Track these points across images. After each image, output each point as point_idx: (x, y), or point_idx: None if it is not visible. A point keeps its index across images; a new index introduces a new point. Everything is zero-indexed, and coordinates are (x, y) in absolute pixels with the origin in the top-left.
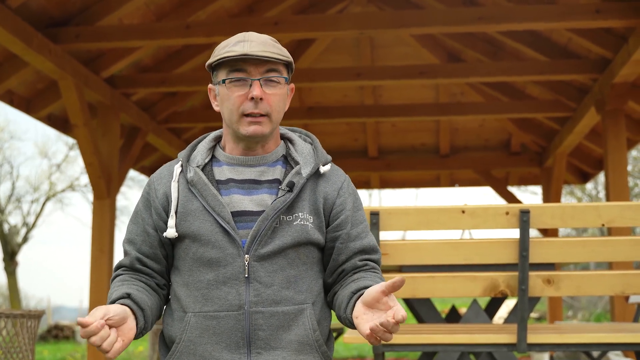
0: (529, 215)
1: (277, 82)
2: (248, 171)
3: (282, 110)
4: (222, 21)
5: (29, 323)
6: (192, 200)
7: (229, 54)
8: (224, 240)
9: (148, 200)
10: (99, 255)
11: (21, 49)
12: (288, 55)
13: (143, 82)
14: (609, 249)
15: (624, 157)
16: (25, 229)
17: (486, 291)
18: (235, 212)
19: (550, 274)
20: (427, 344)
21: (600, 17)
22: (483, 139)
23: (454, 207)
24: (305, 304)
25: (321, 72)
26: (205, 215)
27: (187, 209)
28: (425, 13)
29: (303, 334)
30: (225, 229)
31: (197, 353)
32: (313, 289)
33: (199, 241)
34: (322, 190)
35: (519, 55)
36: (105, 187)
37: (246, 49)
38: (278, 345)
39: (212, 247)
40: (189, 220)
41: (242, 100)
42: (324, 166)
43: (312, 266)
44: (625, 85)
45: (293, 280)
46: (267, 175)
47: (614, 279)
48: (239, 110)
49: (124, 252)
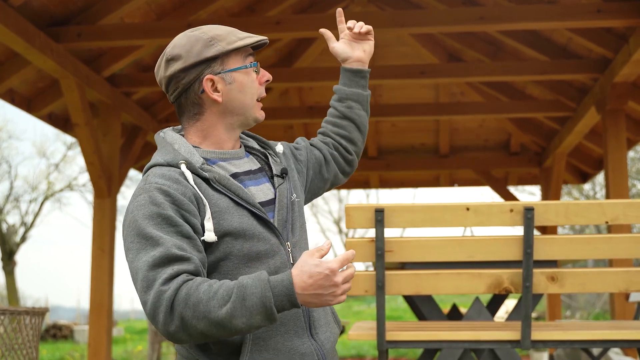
0: (533, 212)
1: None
2: (242, 163)
3: None
4: (223, 21)
5: (32, 320)
6: (220, 198)
7: (254, 40)
8: (266, 232)
9: (174, 205)
10: (100, 254)
11: (23, 48)
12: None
13: (144, 81)
14: (612, 246)
15: (624, 157)
16: (23, 229)
17: (490, 288)
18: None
19: (555, 271)
20: (430, 340)
21: (601, 17)
22: (482, 139)
23: (458, 205)
24: None
25: (322, 71)
26: (240, 210)
27: (220, 208)
28: (426, 13)
29: (327, 308)
30: (265, 220)
31: (270, 347)
32: None
33: (243, 237)
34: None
35: (519, 55)
36: (106, 186)
37: (260, 37)
38: (325, 323)
39: (259, 240)
40: (226, 218)
41: (260, 86)
42: (279, 148)
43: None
44: (625, 85)
45: None
46: (252, 165)
47: (617, 276)
48: (258, 94)
49: (173, 259)
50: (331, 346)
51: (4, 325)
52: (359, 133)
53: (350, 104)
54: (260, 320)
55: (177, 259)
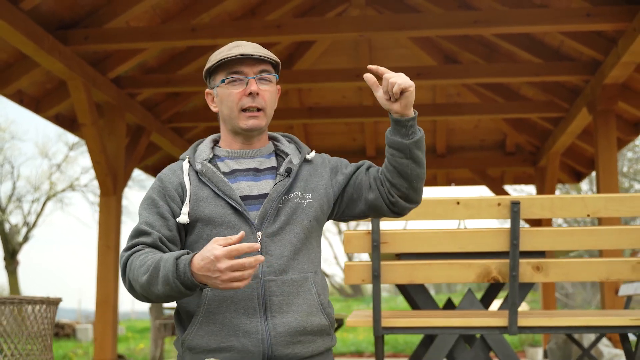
0: (519, 206)
1: (269, 80)
2: (249, 162)
3: (274, 106)
4: (226, 24)
5: (47, 309)
6: (202, 188)
7: (229, 56)
8: (237, 221)
9: (162, 191)
10: (106, 250)
11: (33, 50)
12: (276, 57)
13: (148, 82)
14: (595, 238)
15: (614, 156)
16: (25, 229)
17: (479, 277)
18: (242, 196)
19: (540, 261)
20: (424, 327)
21: (591, 21)
22: (479, 139)
23: (449, 199)
24: (309, 273)
25: (321, 73)
26: (217, 200)
27: (198, 197)
28: (422, 16)
29: (310, 298)
30: (238, 210)
31: (217, 322)
32: (314, 260)
33: (213, 223)
34: (316, 172)
35: (513, 57)
36: (111, 185)
37: (242, 51)
38: (290, 309)
39: (227, 227)
40: (201, 206)
41: (240, 96)
42: (310, 154)
43: (313, 240)
44: (615, 87)
45: (297, 252)
46: (265, 164)
47: (599, 266)
48: (238, 106)
49: (140, 232)
50: (288, 330)
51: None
52: (402, 179)
53: (392, 151)
54: (169, 290)
55: (142, 233)
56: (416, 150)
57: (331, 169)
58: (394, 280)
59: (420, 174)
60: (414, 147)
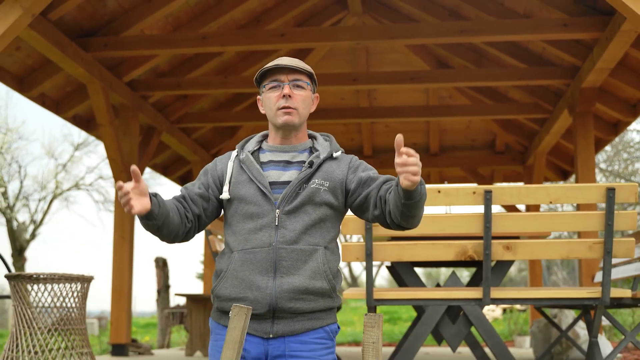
0: (492, 194)
1: (301, 86)
2: (283, 155)
3: (308, 108)
4: (233, 32)
5: (82, 285)
6: (242, 174)
7: (267, 67)
8: (262, 200)
9: (208, 170)
10: (121, 241)
11: (58, 57)
12: (310, 68)
13: (159, 86)
14: (556, 221)
15: (592, 155)
16: (32, 226)
17: (458, 255)
18: (271, 182)
19: (509, 242)
20: (410, 299)
21: (567, 30)
22: (470, 139)
23: (432, 188)
24: (319, 246)
25: (321, 77)
26: (251, 184)
27: (238, 180)
28: (414, 26)
29: (315, 265)
30: (264, 192)
31: (239, 277)
32: (325, 237)
33: (245, 201)
34: (338, 167)
35: (500, 62)
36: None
37: (278, 62)
38: (296, 272)
39: (254, 205)
40: (239, 187)
41: (278, 99)
42: (336, 152)
43: (325, 220)
44: (592, 90)
45: (309, 228)
46: (297, 158)
47: (560, 246)
48: (276, 106)
49: (182, 190)
50: (291, 288)
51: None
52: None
53: (392, 197)
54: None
55: (181, 191)
56: (413, 209)
57: (350, 167)
58: (384, 258)
59: (414, 218)
60: (409, 206)
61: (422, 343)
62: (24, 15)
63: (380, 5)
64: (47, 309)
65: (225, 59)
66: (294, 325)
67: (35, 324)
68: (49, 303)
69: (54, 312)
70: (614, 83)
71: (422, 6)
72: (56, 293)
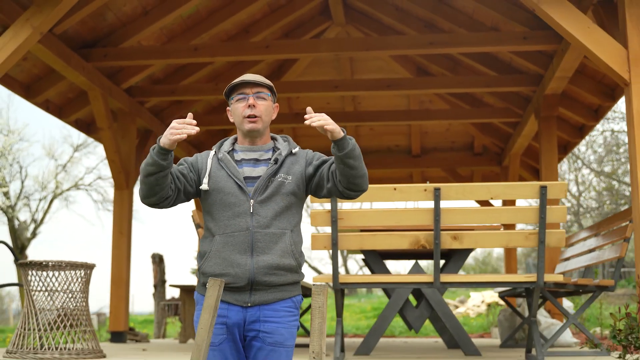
0: (440, 191)
1: (263, 97)
2: (253, 154)
3: (269, 116)
4: (222, 45)
5: (85, 272)
6: (220, 169)
7: (234, 82)
8: (239, 192)
9: (189, 161)
10: (119, 236)
11: (62, 67)
12: (270, 83)
13: (155, 92)
14: (497, 214)
15: (555, 155)
16: (33, 225)
17: (411, 244)
18: (245, 177)
19: (456, 232)
20: (370, 282)
21: (527, 43)
22: (450, 141)
23: (389, 186)
24: (287, 230)
25: (305, 84)
26: (229, 178)
27: (216, 175)
28: (388, 38)
29: (284, 246)
30: (240, 186)
31: (221, 256)
32: (291, 222)
33: (223, 192)
34: (297, 162)
35: (474, 70)
36: (124, 180)
37: (243, 78)
38: (269, 251)
39: (232, 196)
40: (218, 181)
41: (244, 108)
42: (294, 149)
43: (291, 207)
44: (555, 97)
45: (278, 214)
46: (264, 156)
47: (500, 236)
48: (243, 114)
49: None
50: (267, 264)
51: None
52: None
53: (334, 160)
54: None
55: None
56: (347, 159)
57: (306, 160)
58: (348, 247)
59: (356, 174)
60: (345, 158)
61: (388, 324)
62: (33, 34)
63: (362, 16)
64: (55, 292)
65: (216, 67)
66: (268, 296)
67: (44, 305)
68: (56, 287)
69: (60, 295)
70: (576, 90)
71: (399, 18)
72: (63, 278)
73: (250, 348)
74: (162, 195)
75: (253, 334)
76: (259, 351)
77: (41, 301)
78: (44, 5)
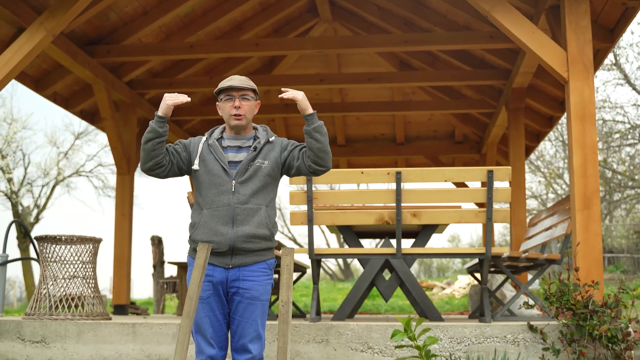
0: (401, 174)
1: (247, 98)
2: (237, 142)
3: (252, 113)
4: (215, 42)
5: (93, 245)
6: (209, 154)
7: (223, 86)
8: (223, 174)
9: (184, 142)
10: (121, 218)
11: (69, 63)
12: (254, 85)
13: (154, 84)
14: (450, 194)
15: (522, 144)
16: (36, 210)
17: (377, 220)
18: (229, 161)
19: (415, 210)
20: (341, 253)
21: (493, 41)
22: (432, 130)
23: (357, 170)
24: (262, 205)
25: (293, 78)
26: (215, 162)
27: (206, 158)
28: (366, 37)
29: (259, 219)
30: (225, 168)
31: (208, 227)
32: (267, 198)
33: (211, 173)
34: (273, 149)
35: (451, 65)
36: (126, 166)
37: (231, 83)
38: (247, 223)
39: (217, 177)
40: (206, 163)
41: (231, 108)
42: (271, 138)
43: (267, 186)
44: (521, 90)
45: (256, 193)
46: (245, 144)
47: (454, 213)
48: (229, 113)
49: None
50: (245, 234)
51: (77, 248)
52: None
53: (305, 135)
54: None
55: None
56: (315, 133)
57: (282, 147)
58: (322, 222)
59: (321, 148)
60: (313, 131)
61: (361, 293)
62: (47, 36)
63: (347, 14)
64: (67, 263)
65: (210, 62)
66: (246, 259)
67: (58, 274)
68: (68, 258)
69: (72, 266)
70: (542, 84)
71: (381, 16)
72: (74, 250)
73: (232, 302)
74: (157, 161)
75: (234, 290)
76: (239, 304)
77: (55, 270)
78: (56, 10)
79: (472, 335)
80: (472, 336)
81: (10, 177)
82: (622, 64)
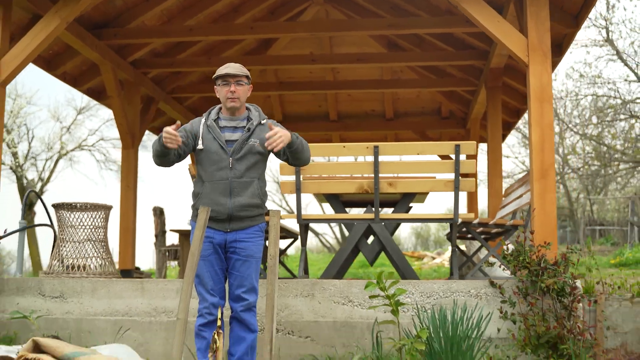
0: (379, 148)
1: (241, 84)
2: (232, 122)
3: (245, 95)
4: (213, 25)
5: (104, 212)
6: (208, 133)
7: (221, 73)
8: (221, 151)
9: (187, 127)
10: (127, 190)
11: (78, 45)
12: (247, 72)
13: (157, 64)
14: (422, 166)
15: (499, 120)
16: (40, 183)
17: (357, 189)
18: (226, 140)
19: (392, 180)
20: (327, 218)
21: (468, 25)
22: (420, 106)
23: (339, 144)
24: (254, 178)
25: (287, 58)
26: (213, 141)
27: (206, 137)
28: (353, 21)
29: (252, 190)
30: (222, 147)
31: (209, 197)
32: (258, 171)
33: (210, 151)
34: (264, 130)
35: (435, 46)
36: (130, 140)
37: (228, 71)
38: (242, 194)
39: (216, 154)
40: (206, 142)
41: (227, 92)
42: (263, 120)
43: (258, 162)
44: (498, 70)
45: (249, 168)
46: (240, 124)
47: (425, 182)
48: (226, 96)
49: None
50: (240, 204)
51: (90, 215)
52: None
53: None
54: (157, 144)
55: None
56: (295, 152)
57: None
58: (309, 191)
59: (300, 156)
60: (294, 152)
61: (345, 256)
62: (61, 23)
63: None
64: (81, 227)
65: (209, 43)
66: (242, 224)
67: (74, 237)
68: (83, 223)
69: (86, 230)
70: (517, 64)
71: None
72: (88, 216)
73: (230, 260)
74: (168, 159)
75: (232, 249)
76: (236, 261)
77: (70, 234)
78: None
79: (440, 290)
80: (440, 291)
81: (15, 151)
82: (614, 40)
